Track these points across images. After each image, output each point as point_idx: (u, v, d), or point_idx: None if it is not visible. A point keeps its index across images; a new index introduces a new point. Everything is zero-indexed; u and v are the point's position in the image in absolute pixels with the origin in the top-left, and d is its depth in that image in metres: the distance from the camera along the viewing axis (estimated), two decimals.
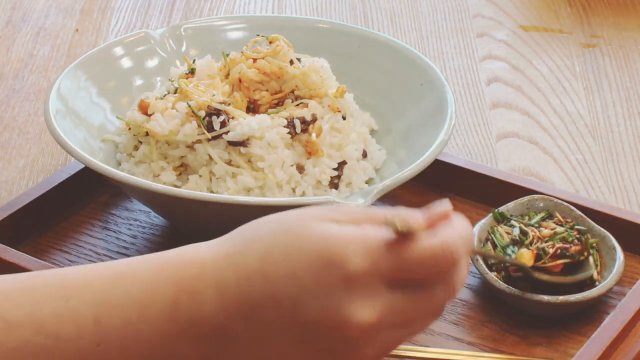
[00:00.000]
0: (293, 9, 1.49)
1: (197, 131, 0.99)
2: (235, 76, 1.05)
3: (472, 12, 1.48)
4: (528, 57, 1.37)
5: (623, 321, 0.89)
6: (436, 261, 0.65)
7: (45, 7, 1.49)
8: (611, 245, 0.96)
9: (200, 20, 1.19)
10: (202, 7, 1.49)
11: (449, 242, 0.66)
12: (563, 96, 1.29)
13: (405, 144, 1.07)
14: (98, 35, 1.43)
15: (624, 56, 1.37)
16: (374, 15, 1.47)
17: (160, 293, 0.66)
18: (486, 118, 1.25)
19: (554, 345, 0.92)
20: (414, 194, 1.09)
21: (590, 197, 1.11)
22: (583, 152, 1.19)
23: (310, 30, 1.17)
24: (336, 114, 1.04)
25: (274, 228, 0.67)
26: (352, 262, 0.64)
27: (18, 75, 1.34)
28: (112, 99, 1.10)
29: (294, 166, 1.00)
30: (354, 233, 0.65)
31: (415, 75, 1.10)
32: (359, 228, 0.66)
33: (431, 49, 1.39)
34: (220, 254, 0.67)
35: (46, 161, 1.18)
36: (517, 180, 1.06)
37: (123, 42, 1.14)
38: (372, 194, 0.93)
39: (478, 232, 0.97)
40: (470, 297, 0.97)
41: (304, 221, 0.66)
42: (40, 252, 1.02)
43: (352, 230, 0.66)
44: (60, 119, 1.02)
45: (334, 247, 0.64)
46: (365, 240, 0.65)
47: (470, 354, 0.91)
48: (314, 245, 0.65)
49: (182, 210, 0.97)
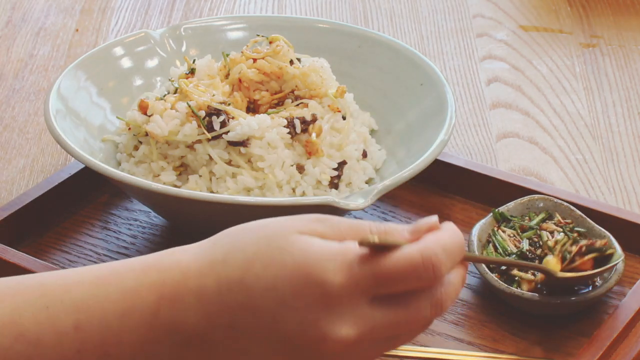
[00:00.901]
0: (293, 9, 1.49)
1: (197, 131, 0.99)
2: (235, 76, 1.05)
3: (472, 12, 1.48)
4: (528, 57, 1.37)
5: (623, 321, 0.89)
6: (415, 272, 0.64)
7: (45, 7, 1.49)
8: (611, 245, 0.96)
9: (200, 20, 1.19)
10: (202, 7, 1.49)
11: (428, 251, 0.64)
12: (563, 96, 1.29)
13: (405, 144, 1.07)
14: (98, 35, 1.43)
15: (624, 56, 1.37)
16: (374, 15, 1.47)
17: (141, 299, 0.66)
18: (486, 118, 1.25)
19: (554, 345, 0.92)
20: (414, 194, 1.09)
21: (590, 197, 1.11)
22: (583, 152, 1.19)
23: (310, 30, 1.17)
24: (336, 114, 1.04)
25: (257, 238, 0.66)
26: (331, 279, 0.64)
27: (18, 75, 1.34)
28: (112, 99, 1.10)
29: (294, 166, 1.00)
30: (334, 249, 0.65)
31: (415, 75, 1.10)
32: (341, 244, 0.65)
33: (431, 49, 1.39)
34: (203, 262, 0.67)
35: (46, 161, 1.18)
36: (517, 180, 1.06)
37: (123, 42, 1.14)
38: (372, 194, 0.93)
39: (478, 233, 0.97)
40: (470, 297, 0.97)
41: (287, 233, 0.66)
42: (40, 252, 1.02)
43: (333, 246, 0.65)
44: (60, 119, 1.02)
45: (314, 263, 0.64)
46: (345, 256, 0.64)
47: (470, 354, 0.91)
48: (295, 259, 0.64)
49: (182, 210, 0.97)
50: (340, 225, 0.67)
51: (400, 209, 1.07)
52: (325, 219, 0.68)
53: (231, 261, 0.66)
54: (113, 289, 0.66)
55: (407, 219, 1.06)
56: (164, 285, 0.66)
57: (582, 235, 0.97)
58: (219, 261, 0.66)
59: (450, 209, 1.07)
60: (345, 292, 0.64)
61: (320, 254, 0.64)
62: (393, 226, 0.67)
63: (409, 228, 0.67)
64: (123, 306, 0.66)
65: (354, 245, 0.65)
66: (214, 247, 0.67)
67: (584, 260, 0.91)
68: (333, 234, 0.67)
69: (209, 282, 0.66)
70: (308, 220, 0.67)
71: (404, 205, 1.08)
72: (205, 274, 0.66)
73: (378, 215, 1.06)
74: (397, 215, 1.06)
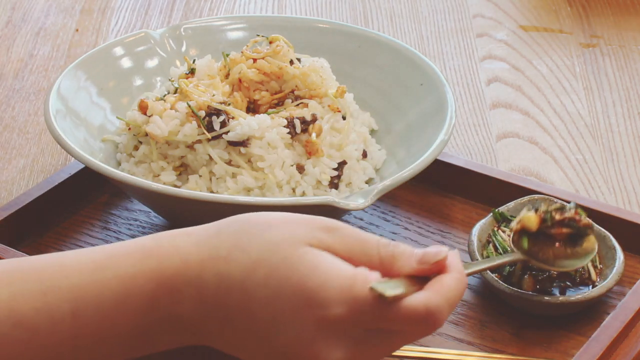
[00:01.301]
0: (293, 9, 1.49)
1: (197, 131, 0.99)
2: (235, 76, 1.05)
3: (472, 12, 1.48)
4: (528, 57, 1.37)
5: (623, 321, 0.89)
6: (416, 322, 0.65)
7: (45, 7, 1.49)
8: (611, 245, 0.96)
9: (200, 20, 1.19)
10: (202, 7, 1.49)
11: (433, 306, 0.65)
12: (563, 96, 1.29)
13: (405, 144, 1.07)
14: (98, 35, 1.43)
15: (624, 56, 1.37)
16: (374, 15, 1.47)
17: (139, 287, 0.66)
18: (486, 118, 1.25)
19: (554, 345, 0.92)
20: (414, 194, 1.09)
21: (590, 197, 1.11)
22: (583, 152, 1.19)
23: (310, 30, 1.17)
24: (336, 114, 1.04)
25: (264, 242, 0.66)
26: (334, 310, 0.64)
27: (18, 75, 1.34)
28: (112, 99, 1.10)
29: (294, 166, 1.00)
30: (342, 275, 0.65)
31: (415, 75, 1.10)
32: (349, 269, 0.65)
33: (431, 49, 1.39)
34: (205, 254, 0.66)
35: (46, 161, 1.18)
36: (517, 180, 1.06)
37: (123, 42, 1.14)
38: (372, 194, 0.93)
39: (478, 233, 0.97)
40: (470, 297, 0.97)
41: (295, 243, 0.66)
42: (40, 252, 1.02)
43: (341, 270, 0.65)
44: (60, 119, 1.02)
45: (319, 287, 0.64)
46: (352, 291, 0.64)
47: (470, 354, 0.91)
48: (300, 278, 0.64)
49: (182, 210, 0.97)
50: (350, 238, 0.67)
51: (400, 209, 1.07)
52: (334, 228, 0.67)
53: (234, 261, 0.65)
54: (111, 274, 0.66)
55: (407, 219, 1.06)
56: (162, 274, 0.66)
57: None
58: (222, 257, 0.66)
59: (450, 209, 1.07)
60: (346, 324, 0.65)
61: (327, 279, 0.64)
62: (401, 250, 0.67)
63: (417, 257, 0.67)
64: (120, 293, 0.66)
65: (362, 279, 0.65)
66: (218, 239, 0.67)
67: (560, 231, 0.91)
68: (341, 249, 0.66)
69: (209, 277, 0.66)
70: (317, 228, 0.67)
71: (404, 205, 1.08)
72: (206, 267, 0.66)
73: (378, 215, 1.06)
74: (397, 215, 1.07)
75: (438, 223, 1.06)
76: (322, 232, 0.67)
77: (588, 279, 0.94)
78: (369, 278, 0.65)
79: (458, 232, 1.04)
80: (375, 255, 0.67)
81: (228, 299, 0.65)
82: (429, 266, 0.67)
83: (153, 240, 0.68)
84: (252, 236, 0.66)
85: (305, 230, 0.67)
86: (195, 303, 0.66)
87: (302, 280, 0.64)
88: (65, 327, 0.66)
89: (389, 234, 1.04)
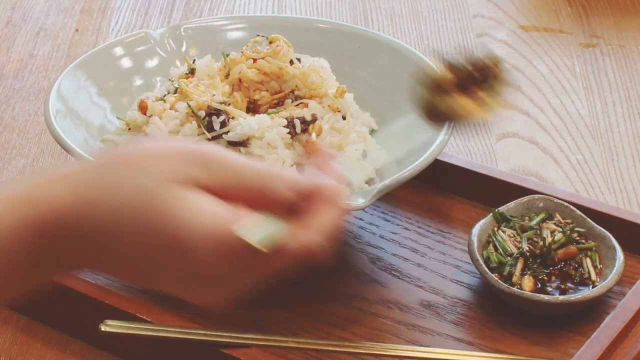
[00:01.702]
0: (293, 9, 1.49)
1: (197, 131, 0.99)
2: (235, 76, 1.05)
3: (472, 12, 1.48)
4: (528, 57, 1.37)
5: (623, 321, 0.89)
6: (294, 259, 0.63)
7: (45, 7, 1.49)
8: (611, 245, 0.96)
9: (200, 20, 1.19)
10: (202, 7, 1.49)
11: (311, 247, 0.63)
12: (563, 96, 1.29)
13: (405, 144, 1.06)
14: (98, 35, 1.43)
15: (624, 56, 1.37)
16: (374, 15, 1.47)
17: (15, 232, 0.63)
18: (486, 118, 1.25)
19: (554, 345, 0.92)
20: (414, 193, 1.09)
21: (590, 197, 1.11)
22: (583, 152, 1.19)
23: (310, 30, 1.16)
24: (336, 114, 1.04)
25: (131, 186, 0.63)
26: (202, 257, 0.62)
27: (18, 75, 1.34)
28: (112, 99, 1.10)
29: (294, 166, 1.00)
30: (209, 219, 0.62)
31: (415, 75, 1.10)
32: (217, 210, 0.62)
33: (431, 49, 1.39)
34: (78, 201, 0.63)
35: (46, 161, 1.18)
36: (517, 180, 1.06)
37: (123, 42, 1.14)
38: (372, 194, 0.93)
39: (478, 233, 0.97)
40: (470, 297, 0.97)
41: (160, 185, 0.62)
42: None
43: (207, 212, 0.62)
44: (60, 119, 1.02)
45: (184, 233, 0.61)
46: (216, 235, 0.62)
47: (470, 354, 0.91)
48: (164, 224, 0.62)
49: None
50: (222, 170, 0.64)
51: (400, 208, 1.07)
52: (207, 161, 0.64)
53: (102, 204, 0.63)
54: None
55: (407, 219, 1.06)
56: (37, 220, 0.63)
57: (582, 235, 0.97)
58: (92, 201, 0.63)
59: (450, 209, 1.07)
60: (217, 268, 0.62)
61: (191, 223, 0.61)
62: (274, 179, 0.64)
63: (291, 186, 0.64)
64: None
65: (229, 220, 0.62)
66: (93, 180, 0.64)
67: None
68: (215, 184, 0.63)
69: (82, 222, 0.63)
70: (189, 163, 0.64)
71: (404, 205, 1.08)
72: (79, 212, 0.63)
73: (378, 215, 1.06)
74: (397, 215, 1.07)
75: (438, 223, 1.06)
76: (192, 167, 0.64)
77: (588, 279, 0.94)
78: (234, 219, 0.62)
79: (458, 232, 1.04)
80: (252, 187, 0.64)
81: (103, 243, 0.63)
82: (306, 196, 0.64)
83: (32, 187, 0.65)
84: (122, 178, 0.64)
85: (174, 166, 0.64)
86: (71, 247, 0.64)
87: (166, 227, 0.62)
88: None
89: (389, 234, 1.04)
